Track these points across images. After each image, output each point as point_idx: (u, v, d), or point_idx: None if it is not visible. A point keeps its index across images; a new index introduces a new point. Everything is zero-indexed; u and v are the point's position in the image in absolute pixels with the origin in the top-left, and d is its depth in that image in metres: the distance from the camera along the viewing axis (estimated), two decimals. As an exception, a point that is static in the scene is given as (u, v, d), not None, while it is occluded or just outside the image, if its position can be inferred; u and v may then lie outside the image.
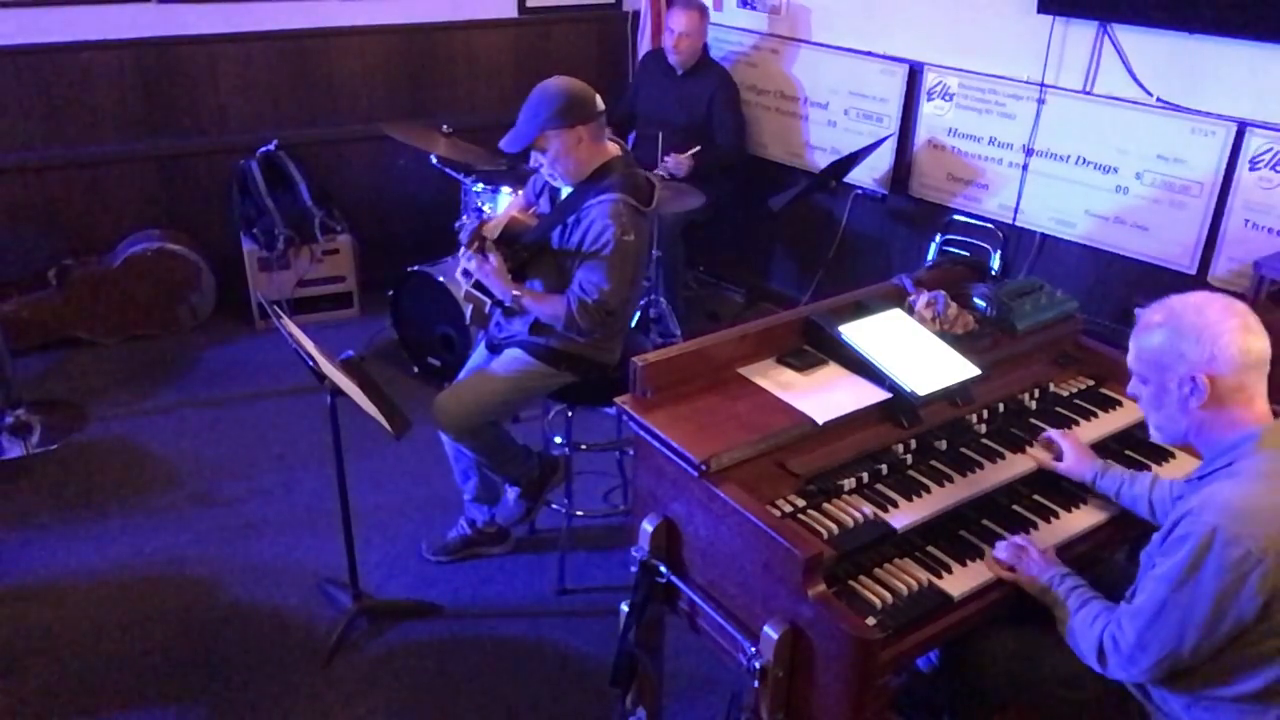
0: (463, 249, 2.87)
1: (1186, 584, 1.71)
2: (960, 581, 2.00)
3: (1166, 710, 1.89)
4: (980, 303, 2.63)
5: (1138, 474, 2.23)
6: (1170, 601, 1.74)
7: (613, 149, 2.91)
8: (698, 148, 4.37)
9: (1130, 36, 3.67)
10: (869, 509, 2.07)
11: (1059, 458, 2.30)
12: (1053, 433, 2.35)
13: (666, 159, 4.28)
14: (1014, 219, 4.14)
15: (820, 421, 2.16)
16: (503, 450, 3.12)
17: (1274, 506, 1.70)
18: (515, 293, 2.85)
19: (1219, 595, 1.68)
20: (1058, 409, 2.49)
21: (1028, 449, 2.34)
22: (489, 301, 2.97)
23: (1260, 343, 1.78)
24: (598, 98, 2.82)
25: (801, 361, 2.38)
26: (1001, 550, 2.06)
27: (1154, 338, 1.83)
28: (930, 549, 2.08)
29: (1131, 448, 2.44)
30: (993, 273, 2.98)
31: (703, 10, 4.62)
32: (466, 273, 2.92)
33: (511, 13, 5.17)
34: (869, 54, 4.51)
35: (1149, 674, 1.81)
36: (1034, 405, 2.50)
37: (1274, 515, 1.69)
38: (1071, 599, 1.94)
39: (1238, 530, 1.67)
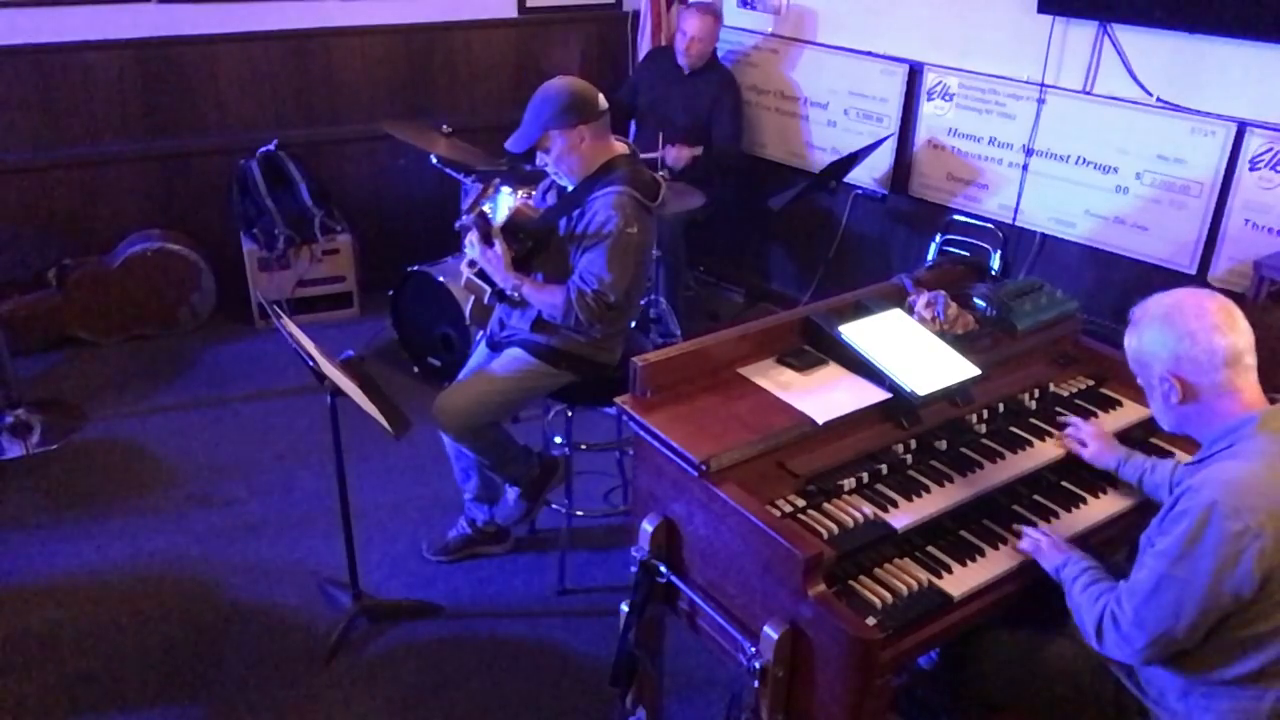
0: (466, 234, 2.87)
1: (1185, 558, 1.72)
2: (960, 581, 2.00)
3: (1163, 703, 1.90)
4: (980, 303, 2.63)
5: (1160, 461, 2.25)
6: (1169, 576, 1.74)
7: (619, 147, 2.93)
8: (700, 149, 4.38)
9: (1130, 36, 3.67)
10: (869, 509, 2.07)
11: (1083, 445, 2.32)
12: (1076, 421, 2.37)
13: (667, 149, 4.27)
14: (1014, 219, 4.14)
15: (820, 421, 2.16)
16: (503, 450, 3.12)
17: (1273, 484, 1.71)
18: (516, 281, 2.86)
19: (1217, 569, 1.69)
20: (1058, 409, 2.49)
21: (1053, 437, 2.37)
22: (488, 290, 2.97)
23: (1231, 339, 1.78)
24: (600, 97, 2.85)
25: (801, 361, 2.38)
26: (1024, 543, 2.09)
27: (1131, 338, 1.89)
28: (930, 549, 2.08)
29: (1131, 448, 2.43)
30: (993, 273, 2.98)
31: (717, 16, 4.63)
32: (473, 262, 2.92)
33: (511, 13, 5.17)
34: (869, 54, 4.51)
35: (1142, 654, 1.81)
36: (1034, 405, 2.50)
37: (1273, 493, 1.69)
38: (1082, 578, 1.95)
39: (1236, 504, 1.68)
